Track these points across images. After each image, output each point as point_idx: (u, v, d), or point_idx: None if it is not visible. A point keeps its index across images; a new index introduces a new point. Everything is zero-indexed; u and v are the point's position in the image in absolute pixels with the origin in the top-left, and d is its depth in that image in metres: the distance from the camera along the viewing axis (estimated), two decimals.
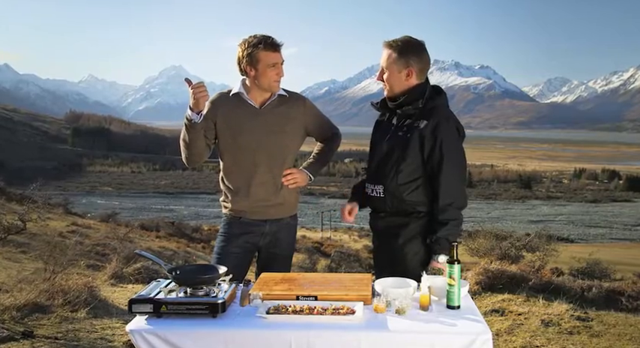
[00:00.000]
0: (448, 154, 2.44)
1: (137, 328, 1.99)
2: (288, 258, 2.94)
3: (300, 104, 2.84)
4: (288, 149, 2.80)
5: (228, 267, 2.34)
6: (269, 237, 2.84)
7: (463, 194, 2.52)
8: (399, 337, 1.97)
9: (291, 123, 2.78)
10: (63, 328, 3.95)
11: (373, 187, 2.59)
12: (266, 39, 2.64)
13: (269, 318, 2.05)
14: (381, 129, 2.65)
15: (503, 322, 4.32)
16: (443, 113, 2.49)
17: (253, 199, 2.77)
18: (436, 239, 2.44)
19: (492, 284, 5.17)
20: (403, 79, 2.51)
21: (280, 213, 2.83)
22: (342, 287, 2.31)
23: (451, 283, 2.13)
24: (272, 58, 2.65)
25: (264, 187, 2.76)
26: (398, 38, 2.53)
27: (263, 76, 2.67)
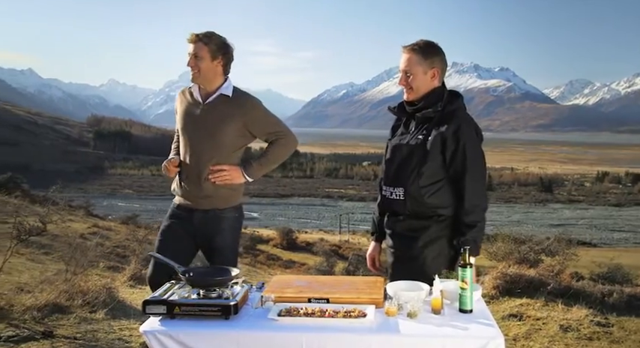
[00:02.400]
0: (471, 157, 2.45)
1: (151, 329, 2.02)
2: (227, 249, 2.94)
3: (241, 104, 2.87)
4: (221, 146, 2.84)
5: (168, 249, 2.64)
6: (200, 227, 2.89)
7: (485, 196, 2.54)
8: (411, 340, 1.97)
9: (226, 121, 2.82)
10: (82, 329, 4.02)
11: (392, 189, 2.58)
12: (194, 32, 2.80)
13: (281, 320, 2.06)
14: (399, 133, 2.66)
15: (520, 326, 4.27)
16: (463, 116, 2.51)
17: (183, 189, 2.90)
18: (464, 241, 2.42)
19: (510, 288, 5.11)
20: (429, 80, 2.53)
21: (209, 204, 2.87)
22: (354, 290, 2.31)
23: (463, 287, 2.12)
24: (188, 48, 2.80)
25: (191, 178, 2.86)
26: (416, 41, 2.54)
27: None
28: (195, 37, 2.77)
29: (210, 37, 2.79)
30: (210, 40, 2.78)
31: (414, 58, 2.52)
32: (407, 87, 2.57)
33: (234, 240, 2.99)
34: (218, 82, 2.87)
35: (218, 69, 2.84)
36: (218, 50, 2.80)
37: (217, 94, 2.85)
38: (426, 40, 2.56)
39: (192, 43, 2.78)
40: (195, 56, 2.78)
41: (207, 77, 2.83)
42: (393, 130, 2.72)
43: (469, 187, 2.46)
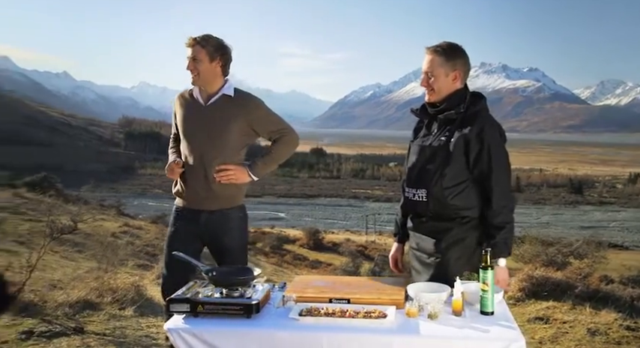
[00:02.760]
0: (496, 158, 2.44)
1: (174, 327, 2.07)
2: (236, 249, 2.97)
3: (244, 104, 2.91)
4: (225, 145, 2.87)
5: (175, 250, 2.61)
6: (208, 227, 2.92)
7: (512, 197, 2.53)
8: (431, 341, 1.97)
9: (230, 121, 2.86)
10: (111, 325, 4.12)
11: (415, 191, 2.57)
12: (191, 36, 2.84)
13: (302, 320, 2.08)
14: (421, 135, 2.66)
15: (547, 330, 4.21)
16: (486, 118, 2.50)
17: (188, 190, 2.93)
18: (494, 244, 2.39)
19: (536, 291, 5.04)
20: (450, 82, 2.53)
21: (215, 205, 2.91)
22: (375, 291, 2.33)
23: (484, 289, 2.12)
24: (187, 52, 2.84)
25: (196, 179, 2.89)
26: (440, 43, 2.54)
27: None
28: (193, 41, 2.81)
29: (207, 40, 2.83)
30: (208, 42, 2.82)
31: (436, 59, 2.52)
32: (428, 88, 2.57)
33: (242, 239, 3.03)
34: (218, 84, 2.91)
35: (217, 70, 2.87)
36: (215, 52, 2.84)
37: (219, 94, 2.89)
38: (449, 42, 2.56)
39: (190, 46, 2.83)
40: (193, 59, 2.82)
41: (207, 79, 2.87)
42: (415, 131, 2.71)
43: (496, 189, 2.44)
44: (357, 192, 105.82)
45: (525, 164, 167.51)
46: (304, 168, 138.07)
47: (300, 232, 33.00)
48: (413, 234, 2.67)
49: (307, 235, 31.92)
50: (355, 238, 38.23)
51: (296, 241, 31.81)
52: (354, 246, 30.77)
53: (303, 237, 31.98)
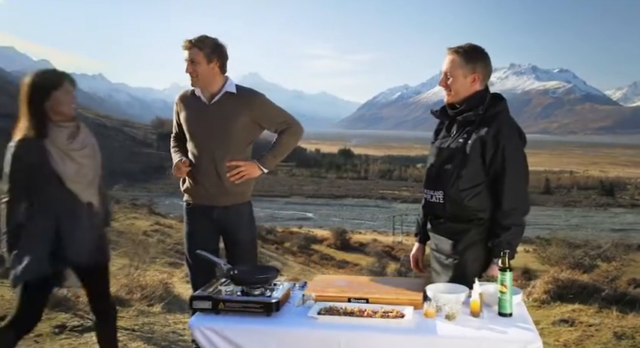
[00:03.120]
0: (511, 160, 2.43)
1: (197, 323, 2.13)
2: (248, 243, 3.06)
3: (248, 99, 2.96)
4: (232, 141, 2.93)
5: (194, 248, 2.74)
6: (221, 223, 3.00)
7: (526, 199, 2.51)
8: (447, 341, 1.98)
9: (236, 117, 2.91)
10: (139, 321, 4.24)
11: (433, 193, 2.59)
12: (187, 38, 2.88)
13: (320, 318, 2.11)
14: (441, 136, 2.67)
15: (572, 332, 4.15)
16: (504, 119, 2.48)
17: (198, 187, 2.98)
18: (498, 243, 2.41)
19: (562, 294, 4.96)
20: (469, 84, 2.53)
21: (228, 200, 2.98)
22: (393, 291, 2.35)
23: (502, 291, 2.12)
24: (185, 55, 2.89)
25: (207, 176, 2.94)
26: (462, 45, 2.54)
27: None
28: (189, 43, 2.86)
29: (204, 41, 2.87)
30: (204, 44, 2.86)
31: (456, 60, 2.53)
32: (447, 89, 2.58)
33: (253, 233, 3.13)
34: (219, 82, 2.96)
35: (215, 70, 2.91)
36: (212, 53, 2.88)
37: (222, 92, 2.94)
38: (472, 44, 2.55)
39: (187, 49, 2.87)
40: (191, 62, 2.87)
41: (207, 80, 2.92)
42: (436, 133, 2.72)
43: (507, 190, 2.43)
44: (384, 193, 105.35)
45: (555, 166, 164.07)
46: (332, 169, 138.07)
47: (327, 232, 33.06)
48: (432, 235, 2.69)
49: (334, 236, 31.98)
50: (382, 238, 38.10)
51: (323, 241, 31.90)
52: (380, 246, 30.70)
53: (331, 237, 32.06)
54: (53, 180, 2.59)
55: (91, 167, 2.73)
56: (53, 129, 2.62)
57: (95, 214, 2.74)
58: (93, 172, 2.74)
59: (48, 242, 2.59)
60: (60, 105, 2.62)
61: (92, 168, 2.74)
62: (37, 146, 2.57)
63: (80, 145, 2.69)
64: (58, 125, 2.63)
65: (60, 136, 2.62)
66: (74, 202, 2.65)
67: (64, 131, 2.64)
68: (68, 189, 2.62)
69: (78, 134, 2.70)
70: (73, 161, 2.63)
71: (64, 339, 3.81)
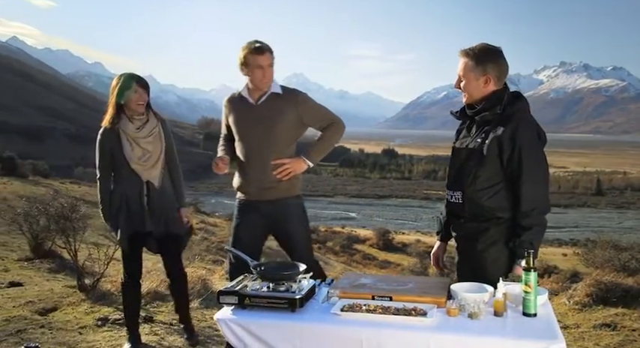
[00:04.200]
0: (528, 160, 2.40)
1: (223, 317, 2.20)
2: (298, 235, 3.22)
3: (292, 99, 3.15)
4: (278, 139, 3.12)
5: (241, 244, 3.05)
6: (270, 217, 3.17)
7: (546, 199, 2.46)
8: (469, 340, 1.98)
9: (282, 116, 3.11)
10: (177, 317, 4.36)
11: (452, 193, 2.60)
12: (252, 44, 3.05)
13: (343, 315, 2.14)
14: (461, 136, 2.67)
15: (613, 337, 4.02)
16: (522, 118, 2.45)
17: (247, 183, 3.18)
18: (519, 243, 2.39)
19: (605, 297, 4.80)
20: (481, 86, 2.52)
21: (274, 195, 3.14)
22: (418, 289, 2.35)
23: (527, 291, 2.10)
24: (257, 61, 3.04)
25: (254, 172, 3.13)
26: (474, 46, 2.53)
27: (253, 76, 3.08)
28: (266, 49, 3.07)
29: (270, 49, 3.09)
30: (270, 49, 3.10)
31: (467, 63, 2.52)
32: (462, 91, 2.58)
33: (303, 226, 3.26)
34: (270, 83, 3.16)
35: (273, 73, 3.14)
36: (273, 58, 3.12)
37: (268, 93, 3.12)
38: (484, 44, 2.53)
39: (262, 54, 3.06)
40: (269, 66, 3.08)
41: (271, 81, 3.13)
42: (457, 133, 2.72)
43: (525, 190, 2.41)
44: (428, 193, 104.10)
45: (607, 167, 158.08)
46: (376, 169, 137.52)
47: (370, 232, 32.99)
48: (454, 235, 2.68)
49: (377, 236, 31.86)
50: (425, 239, 37.66)
51: (366, 241, 31.83)
52: (423, 247, 30.37)
53: (373, 237, 31.95)
54: (124, 161, 3.31)
55: (155, 152, 3.38)
56: (125, 121, 3.31)
57: (156, 191, 3.39)
58: (156, 157, 3.38)
59: (123, 212, 3.33)
60: (130, 102, 3.29)
61: (156, 153, 3.38)
62: (113, 134, 3.32)
63: (146, 134, 3.34)
64: (130, 118, 3.33)
65: (130, 126, 3.32)
66: (137, 180, 3.34)
67: (135, 123, 3.33)
68: (132, 169, 3.31)
69: (146, 125, 3.36)
70: (138, 147, 3.32)
71: (105, 331, 3.97)
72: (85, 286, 4.85)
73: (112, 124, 3.31)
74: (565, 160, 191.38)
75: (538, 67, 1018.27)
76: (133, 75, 3.34)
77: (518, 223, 2.43)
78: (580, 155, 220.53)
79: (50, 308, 4.45)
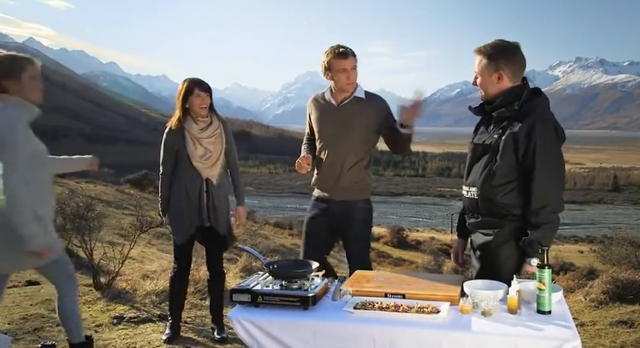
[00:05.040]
0: (542, 157, 2.37)
1: (236, 315, 2.20)
2: (358, 238, 3.32)
3: (374, 104, 3.26)
4: (356, 142, 3.22)
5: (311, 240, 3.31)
6: (335, 216, 3.27)
7: (558, 197, 2.42)
8: (482, 338, 1.96)
9: (361, 120, 3.20)
10: (192, 314, 4.39)
11: (468, 188, 2.59)
12: (336, 49, 3.15)
13: (356, 313, 2.14)
14: (479, 133, 2.65)
15: (630, 334, 3.96)
16: (539, 115, 2.41)
17: (320, 181, 3.31)
18: (529, 242, 2.37)
19: (622, 294, 4.73)
20: (495, 82, 2.50)
21: (343, 195, 3.24)
22: (431, 287, 2.34)
23: (541, 288, 2.08)
24: (341, 65, 3.14)
25: (329, 171, 3.25)
26: (488, 43, 2.53)
27: (336, 80, 3.18)
28: (350, 53, 3.16)
29: (352, 51, 3.19)
30: (353, 53, 3.19)
31: (480, 60, 2.52)
32: (479, 87, 2.56)
33: (364, 230, 3.34)
34: (352, 88, 3.26)
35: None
36: (356, 60, 3.20)
37: (352, 97, 3.24)
38: (498, 41, 2.52)
39: (346, 58, 3.15)
40: (352, 69, 3.18)
41: (354, 83, 3.22)
42: (475, 129, 2.70)
43: (536, 187, 2.37)
44: (442, 190, 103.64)
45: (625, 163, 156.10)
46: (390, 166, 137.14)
47: (384, 229, 32.84)
48: (470, 231, 2.66)
49: (391, 233, 31.73)
50: (440, 236, 37.49)
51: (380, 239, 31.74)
52: (437, 244, 30.19)
53: (387, 234, 31.83)
54: (186, 159, 3.53)
55: (216, 152, 3.58)
56: (190, 122, 3.54)
57: (215, 188, 3.57)
58: (216, 156, 3.58)
59: (182, 207, 3.53)
60: (193, 106, 3.52)
61: (216, 153, 3.58)
62: (178, 133, 3.55)
63: (209, 134, 3.56)
64: (195, 119, 3.55)
65: (194, 127, 3.54)
66: (197, 177, 3.55)
67: (199, 124, 3.55)
68: (194, 166, 3.52)
69: (209, 126, 3.57)
70: (201, 146, 3.53)
71: (121, 329, 4.01)
72: (101, 285, 4.90)
73: (178, 125, 3.55)
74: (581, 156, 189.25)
75: (553, 63, 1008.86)
76: (196, 80, 3.55)
77: (528, 220, 2.40)
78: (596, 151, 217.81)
79: None
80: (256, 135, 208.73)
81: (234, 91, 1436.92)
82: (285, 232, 24.99)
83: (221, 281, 3.88)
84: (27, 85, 2.71)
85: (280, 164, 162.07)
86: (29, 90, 2.72)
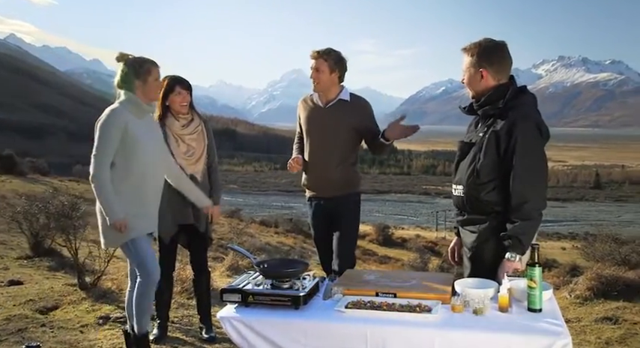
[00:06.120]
0: (523, 154, 2.37)
1: (226, 316, 2.19)
2: (346, 229, 3.43)
3: (358, 108, 3.39)
4: (341, 142, 3.35)
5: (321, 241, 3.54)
6: (330, 211, 3.41)
7: (539, 194, 2.40)
8: (474, 336, 1.97)
9: (345, 122, 3.32)
10: (179, 313, 4.35)
11: (456, 187, 2.61)
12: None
13: (347, 312, 2.13)
14: (468, 131, 2.67)
15: (615, 330, 4.02)
16: (522, 112, 2.42)
17: (310, 180, 3.46)
18: (508, 237, 2.38)
19: (606, 291, 4.80)
20: (479, 80, 2.52)
21: (334, 192, 3.38)
22: (422, 285, 2.34)
23: (532, 286, 2.09)
24: (311, 64, 3.30)
25: (317, 170, 3.39)
26: (474, 42, 2.55)
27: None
28: (317, 54, 3.29)
29: (329, 54, 3.27)
30: (329, 56, 3.29)
31: (465, 59, 2.55)
32: (466, 85, 2.59)
33: (353, 222, 3.49)
34: (336, 90, 3.38)
35: (335, 79, 3.34)
36: (335, 65, 3.30)
37: (337, 99, 3.36)
38: (482, 39, 2.54)
39: (314, 59, 3.30)
40: (316, 70, 3.29)
41: (326, 87, 3.34)
42: (467, 128, 2.72)
43: (516, 185, 2.37)
44: (427, 188, 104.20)
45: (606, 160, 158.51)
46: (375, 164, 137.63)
47: (369, 227, 32.89)
48: (459, 229, 2.68)
49: (377, 231, 31.81)
50: (425, 234, 37.72)
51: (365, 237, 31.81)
52: (423, 242, 30.36)
53: (373, 232, 31.90)
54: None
55: (199, 149, 3.58)
56: (172, 119, 3.53)
57: (199, 185, 3.50)
58: (199, 153, 3.58)
59: (164, 204, 3.32)
60: (173, 103, 3.51)
61: (199, 149, 3.58)
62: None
63: (191, 131, 3.55)
64: (175, 117, 3.54)
65: (176, 124, 3.53)
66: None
67: (180, 121, 3.54)
68: (177, 163, 3.42)
69: (190, 123, 3.57)
70: (184, 143, 3.53)
71: (107, 330, 3.95)
72: (86, 285, 4.83)
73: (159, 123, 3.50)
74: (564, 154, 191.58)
75: (537, 62, 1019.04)
76: (176, 78, 3.55)
77: (508, 217, 2.41)
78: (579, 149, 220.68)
79: (51, 307, 4.43)
80: (241, 133, 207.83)
81: (220, 88, 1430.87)
82: (270, 230, 24.94)
83: (206, 280, 3.87)
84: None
85: (266, 162, 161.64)
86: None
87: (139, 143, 3.00)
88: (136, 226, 3.03)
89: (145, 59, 3.08)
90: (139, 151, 3.00)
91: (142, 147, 3.01)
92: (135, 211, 3.02)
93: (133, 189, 3.02)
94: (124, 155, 2.98)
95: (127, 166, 2.99)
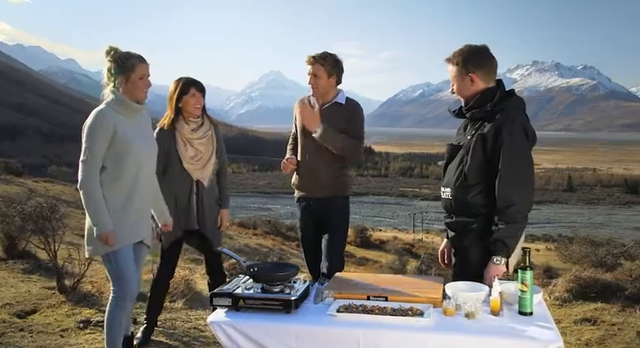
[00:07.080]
0: (508, 157, 2.39)
1: (216, 320, 2.16)
2: (335, 231, 3.44)
3: (349, 109, 3.41)
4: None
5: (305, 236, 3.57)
6: (317, 212, 3.44)
7: (525, 197, 2.42)
8: (466, 340, 1.98)
9: (336, 124, 3.30)
10: (162, 317, 4.27)
11: (444, 189, 2.63)
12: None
13: (339, 316, 2.13)
14: (457, 135, 2.69)
15: (594, 331, 4.09)
16: (508, 116, 2.44)
17: (301, 181, 3.47)
18: (493, 241, 2.40)
19: (584, 292, 4.89)
20: (469, 86, 2.55)
21: (322, 193, 3.40)
22: (413, 289, 2.34)
23: (523, 289, 2.11)
24: (308, 69, 3.32)
25: (308, 170, 3.41)
26: (457, 50, 2.58)
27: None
28: (313, 60, 3.29)
29: (325, 58, 3.27)
30: (326, 61, 3.28)
31: (451, 68, 2.58)
32: (457, 94, 2.62)
33: (342, 225, 3.49)
34: (333, 93, 3.40)
35: (332, 83, 3.36)
36: (332, 68, 3.32)
37: (332, 102, 3.39)
38: (467, 46, 2.57)
39: (310, 64, 3.31)
40: (314, 75, 3.30)
41: (324, 91, 3.36)
42: (457, 131, 2.74)
43: (502, 187, 2.39)
44: (405, 190, 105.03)
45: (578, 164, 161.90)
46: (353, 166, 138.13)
47: None
48: (448, 231, 2.70)
49: (355, 233, 31.93)
50: (403, 236, 37.98)
51: None
52: (401, 244, 30.57)
53: (351, 234, 32.00)
54: (177, 160, 3.45)
55: (207, 154, 3.51)
56: (182, 122, 3.46)
57: (205, 190, 3.51)
58: (207, 158, 3.51)
59: (172, 210, 3.32)
60: (187, 106, 3.44)
61: (207, 154, 3.51)
62: (169, 134, 3.46)
63: (200, 135, 3.49)
64: (186, 120, 3.47)
65: (185, 127, 3.46)
66: (187, 178, 3.47)
67: (190, 124, 3.48)
68: (184, 168, 3.44)
69: (201, 127, 3.51)
70: (192, 147, 3.46)
71: (88, 334, 3.87)
72: (65, 288, 4.73)
73: (169, 125, 3.48)
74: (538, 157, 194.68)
75: (511, 66, 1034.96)
76: (190, 79, 3.48)
77: (493, 220, 2.43)
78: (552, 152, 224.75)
79: (29, 311, 4.33)
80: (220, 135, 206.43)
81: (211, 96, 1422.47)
82: (249, 232, 24.84)
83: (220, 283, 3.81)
84: None
85: (244, 164, 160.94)
86: None
87: (129, 145, 2.83)
88: (124, 237, 2.86)
89: (131, 54, 2.87)
90: (130, 154, 2.84)
91: (134, 149, 2.85)
92: (126, 218, 2.86)
93: (125, 194, 2.86)
94: (115, 159, 2.82)
95: (118, 170, 2.83)
